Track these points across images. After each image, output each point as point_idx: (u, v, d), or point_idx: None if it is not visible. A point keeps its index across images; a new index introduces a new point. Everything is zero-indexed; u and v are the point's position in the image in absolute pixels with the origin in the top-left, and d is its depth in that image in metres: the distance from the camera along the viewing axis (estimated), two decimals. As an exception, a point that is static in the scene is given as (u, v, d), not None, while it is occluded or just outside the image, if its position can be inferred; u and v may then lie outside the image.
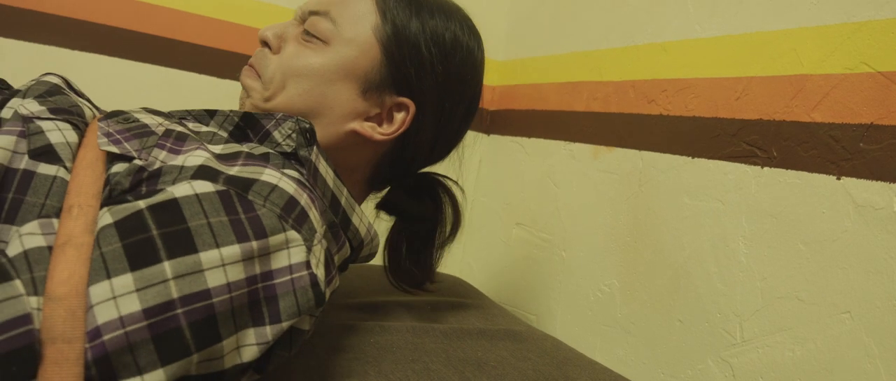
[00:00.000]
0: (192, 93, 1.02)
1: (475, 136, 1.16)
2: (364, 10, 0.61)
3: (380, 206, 0.71)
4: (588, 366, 0.64)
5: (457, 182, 0.73)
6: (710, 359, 0.69)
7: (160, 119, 0.53)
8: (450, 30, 0.63)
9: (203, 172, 0.44)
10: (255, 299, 0.42)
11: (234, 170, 0.45)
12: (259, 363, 0.45)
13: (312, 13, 0.62)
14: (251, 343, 0.42)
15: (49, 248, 0.38)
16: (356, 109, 0.61)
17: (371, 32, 0.60)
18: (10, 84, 0.58)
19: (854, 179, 0.57)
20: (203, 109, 0.59)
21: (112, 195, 0.43)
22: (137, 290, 0.37)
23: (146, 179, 0.44)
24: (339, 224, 0.56)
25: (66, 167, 0.44)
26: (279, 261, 0.43)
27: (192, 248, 0.39)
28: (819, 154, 0.61)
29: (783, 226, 0.63)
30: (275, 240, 0.43)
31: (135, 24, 0.98)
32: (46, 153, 0.44)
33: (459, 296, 0.84)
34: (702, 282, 0.71)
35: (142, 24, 0.98)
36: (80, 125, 0.49)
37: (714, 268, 0.70)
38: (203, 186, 0.42)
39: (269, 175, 0.45)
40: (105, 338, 0.36)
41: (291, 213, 0.45)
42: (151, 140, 0.48)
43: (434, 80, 0.62)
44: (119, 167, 0.45)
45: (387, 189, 0.71)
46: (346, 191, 0.57)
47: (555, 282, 0.95)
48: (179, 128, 0.51)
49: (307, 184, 0.49)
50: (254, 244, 0.41)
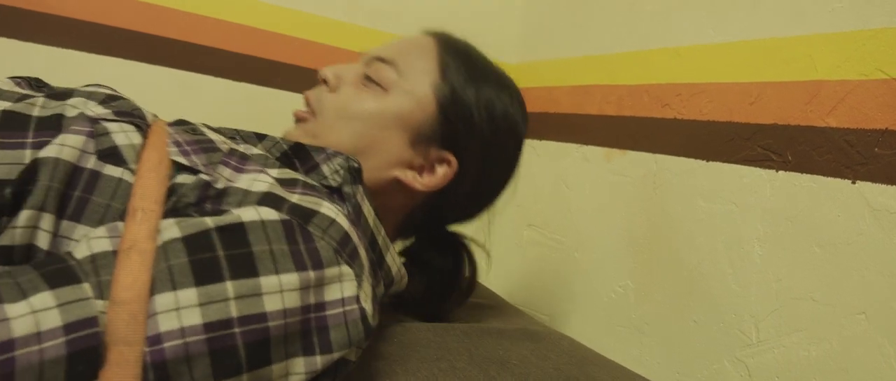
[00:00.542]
0: (208, 96, 1.03)
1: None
2: (428, 66, 0.64)
3: (403, 252, 0.73)
4: (608, 365, 0.65)
5: (483, 246, 0.76)
6: (726, 359, 0.70)
7: (223, 137, 0.55)
8: (501, 101, 0.66)
9: (269, 200, 0.45)
10: (307, 328, 0.43)
11: (295, 198, 0.47)
12: None
13: (378, 59, 0.65)
14: (300, 372, 0.43)
15: (114, 252, 0.40)
16: (402, 158, 0.63)
17: (430, 89, 0.63)
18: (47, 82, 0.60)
19: (869, 184, 0.59)
20: (252, 132, 0.61)
21: (177, 207, 0.45)
22: (200, 305, 0.39)
23: (212, 197, 0.46)
24: (375, 262, 0.58)
25: (131, 169, 0.46)
26: (332, 293, 0.45)
27: (254, 271, 0.41)
28: (834, 158, 0.62)
29: (798, 229, 0.64)
30: (330, 272, 0.44)
31: (149, 27, 0.99)
32: (112, 155, 0.46)
33: (475, 296, 0.86)
34: (717, 283, 0.73)
35: (156, 26, 0.99)
36: (144, 128, 0.50)
37: (729, 270, 0.71)
38: (268, 214, 0.44)
39: (328, 208, 0.47)
40: (166, 345, 0.37)
41: (346, 248, 0.46)
42: (217, 157, 0.50)
43: (480, 143, 0.65)
44: (185, 178, 0.47)
45: (412, 239, 0.74)
46: (383, 231, 0.59)
47: (568, 283, 0.97)
48: (239, 149, 0.53)
49: (354, 221, 0.51)
50: (311, 274, 0.43)
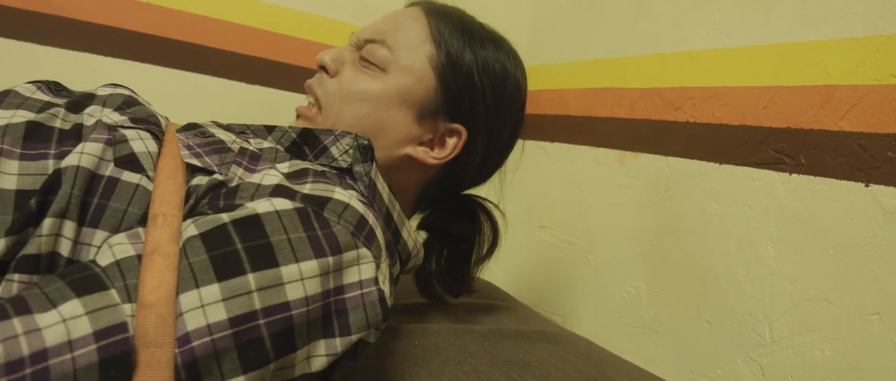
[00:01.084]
0: (220, 98, 1.04)
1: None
2: (419, 38, 0.64)
3: (420, 226, 0.74)
4: (625, 366, 0.67)
5: (497, 205, 0.76)
6: (740, 359, 0.71)
7: (232, 135, 0.55)
8: (499, 61, 0.66)
9: (281, 191, 0.46)
10: (328, 311, 0.44)
11: (307, 188, 0.47)
12: (325, 373, 0.47)
13: (368, 41, 0.65)
14: (321, 354, 0.44)
15: (138, 256, 0.40)
16: (411, 134, 0.64)
17: (426, 61, 0.63)
18: (66, 86, 0.61)
19: (882, 187, 0.60)
20: (262, 125, 0.62)
21: (195, 208, 0.45)
22: (224, 300, 0.39)
23: (224, 194, 0.46)
24: (392, 239, 0.58)
25: (148, 176, 0.47)
26: (350, 276, 0.45)
27: (274, 262, 0.41)
28: (847, 162, 0.63)
29: (812, 231, 0.66)
30: (348, 256, 0.45)
31: (162, 29, 1.00)
32: (130, 162, 0.47)
33: (490, 298, 0.87)
34: (730, 284, 0.74)
35: (168, 29, 1.00)
36: (159, 135, 0.51)
37: (742, 271, 0.72)
38: (282, 204, 0.44)
39: (340, 194, 0.48)
40: (194, 344, 0.38)
41: (362, 231, 0.47)
42: (229, 156, 0.51)
43: (484, 107, 0.65)
44: (200, 180, 0.47)
45: (425, 212, 0.74)
46: (398, 206, 0.59)
47: (580, 283, 0.98)
48: (250, 146, 0.54)
49: (368, 202, 0.51)
50: (330, 260, 0.43)
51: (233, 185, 0.47)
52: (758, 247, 0.71)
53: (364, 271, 0.46)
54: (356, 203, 0.48)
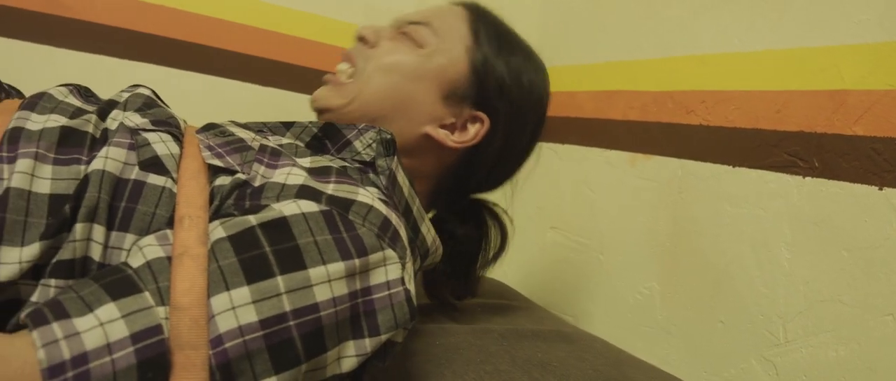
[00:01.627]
0: (235, 101, 1.05)
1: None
2: (462, 30, 0.66)
3: None
4: (642, 366, 0.68)
5: (506, 212, 0.77)
6: (754, 358, 0.72)
7: (251, 134, 0.56)
8: (528, 71, 0.68)
9: (306, 192, 0.46)
10: (356, 312, 0.45)
11: (331, 188, 0.48)
12: (355, 373, 0.48)
13: (411, 22, 0.67)
14: (351, 355, 0.45)
15: (167, 258, 0.41)
16: (434, 113, 0.65)
17: (463, 50, 0.65)
18: (94, 92, 0.62)
19: (896, 190, 0.61)
20: (279, 122, 0.62)
21: (220, 209, 0.46)
22: (254, 302, 0.40)
23: (250, 194, 0.47)
24: (411, 235, 0.59)
25: (173, 178, 0.47)
26: (377, 277, 0.46)
27: (302, 264, 0.42)
28: (861, 165, 0.64)
29: (826, 233, 0.67)
30: (374, 257, 0.46)
31: (175, 31, 1.01)
32: (155, 165, 0.48)
33: (505, 298, 0.88)
34: (743, 285, 0.75)
35: (181, 31, 1.01)
36: (179, 136, 0.52)
37: (756, 272, 0.73)
38: (309, 206, 0.45)
39: (364, 196, 0.48)
40: (227, 345, 0.39)
41: (387, 232, 0.47)
42: (250, 155, 0.51)
43: (509, 104, 0.67)
44: (223, 180, 0.48)
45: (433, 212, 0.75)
46: (418, 202, 0.60)
47: (592, 284, 0.99)
48: (270, 143, 0.54)
49: (390, 201, 0.52)
50: (356, 262, 0.44)
51: (257, 184, 0.48)
52: (771, 249, 0.72)
53: (390, 271, 0.47)
54: (379, 205, 0.48)
